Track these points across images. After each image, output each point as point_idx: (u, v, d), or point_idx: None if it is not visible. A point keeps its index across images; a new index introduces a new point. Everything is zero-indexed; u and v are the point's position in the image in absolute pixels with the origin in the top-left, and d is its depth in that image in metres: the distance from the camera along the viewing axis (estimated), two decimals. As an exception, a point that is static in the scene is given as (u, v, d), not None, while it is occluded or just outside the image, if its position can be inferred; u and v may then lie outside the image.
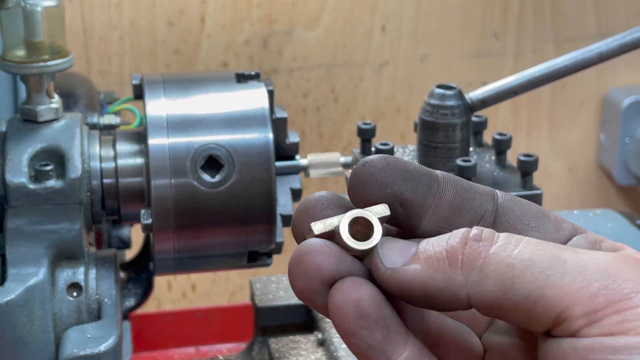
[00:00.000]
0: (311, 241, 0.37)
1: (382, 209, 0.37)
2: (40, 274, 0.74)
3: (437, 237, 0.36)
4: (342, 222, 0.37)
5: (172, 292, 1.43)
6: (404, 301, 0.37)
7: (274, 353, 0.90)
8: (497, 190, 0.40)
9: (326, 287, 0.36)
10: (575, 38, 1.46)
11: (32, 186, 0.75)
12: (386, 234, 0.38)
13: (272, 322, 0.93)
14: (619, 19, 1.47)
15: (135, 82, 0.82)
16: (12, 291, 0.73)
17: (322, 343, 0.91)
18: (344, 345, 0.85)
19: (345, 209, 0.38)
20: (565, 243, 0.39)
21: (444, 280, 0.35)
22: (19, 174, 0.75)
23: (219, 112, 0.79)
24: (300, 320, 0.94)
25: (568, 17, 1.46)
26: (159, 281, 1.37)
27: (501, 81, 0.78)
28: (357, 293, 0.35)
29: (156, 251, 0.79)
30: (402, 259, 0.36)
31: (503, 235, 0.35)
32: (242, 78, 0.82)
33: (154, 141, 0.77)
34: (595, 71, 1.48)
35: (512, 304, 0.34)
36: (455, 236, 0.36)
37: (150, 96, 0.79)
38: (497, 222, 0.39)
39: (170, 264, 0.81)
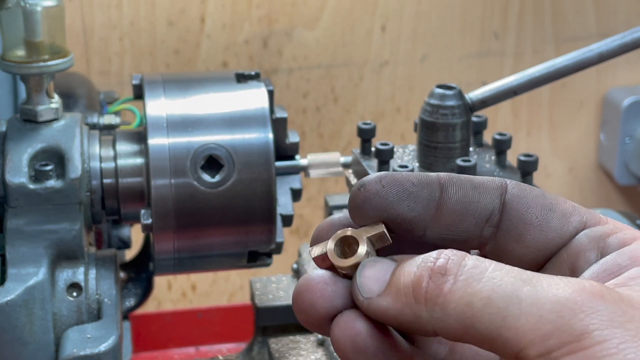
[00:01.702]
0: (308, 276, 0.38)
1: (377, 228, 0.38)
2: (40, 274, 0.74)
3: (410, 261, 0.37)
4: (329, 243, 0.38)
5: (172, 292, 1.43)
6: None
7: (273, 353, 0.90)
8: (508, 182, 0.39)
9: (326, 321, 0.37)
10: (575, 38, 1.46)
11: (32, 186, 0.75)
12: (382, 245, 0.39)
13: (272, 322, 0.93)
14: (619, 18, 1.47)
15: (135, 82, 0.82)
16: (12, 291, 0.73)
17: (322, 343, 0.91)
18: (344, 345, 0.85)
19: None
20: (570, 239, 0.39)
21: (411, 314, 0.36)
22: (19, 174, 0.75)
23: (219, 112, 0.79)
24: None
25: (568, 17, 1.46)
26: (159, 281, 1.37)
27: (501, 81, 0.78)
28: (352, 329, 0.37)
29: (156, 251, 0.79)
30: (377, 287, 0.37)
31: (470, 264, 0.35)
32: (242, 78, 0.82)
33: (153, 141, 0.77)
34: (595, 71, 1.48)
35: (475, 341, 0.35)
36: (423, 265, 0.36)
37: (150, 96, 0.79)
38: (502, 221, 0.39)
39: (170, 264, 0.81)
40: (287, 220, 0.82)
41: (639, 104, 1.46)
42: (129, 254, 0.98)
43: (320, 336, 0.91)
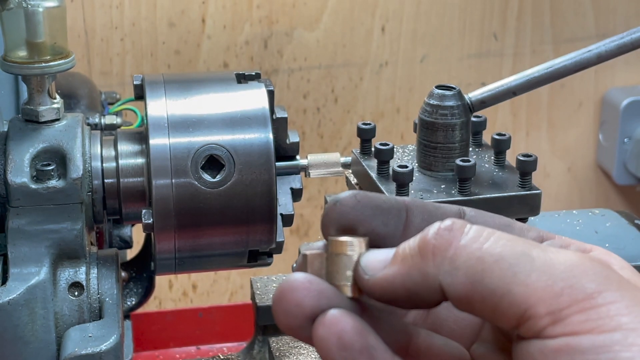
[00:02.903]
0: (292, 277, 0.38)
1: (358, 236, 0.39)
2: (41, 273, 0.74)
3: (415, 235, 0.38)
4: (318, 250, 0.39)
5: (173, 292, 1.44)
6: (392, 305, 0.38)
7: (274, 352, 0.91)
8: (465, 208, 0.41)
9: (309, 322, 0.37)
10: (574, 39, 1.46)
11: (33, 186, 0.75)
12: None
13: (272, 321, 0.93)
14: (618, 19, 1.47)
15: (136, 82, 0.82)
16: (13, 290, 0.73)
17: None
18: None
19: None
20: None
21: (419, 274, 0.36)
22: (20, 174, 0.75)
23: (220, 112, 0.80)
24: (300, 319, 0.93)
25: (567, 17, 1.46)
26: (160, 280, 1.37)
27: (500, 81, 0.79)
28: (338, 325, 0.36)
29: (157, 251, 0.79)
30: (381, 264, 0.37)
31: (475, 227, 0.36)
32: (242, 78, 0.82)
33: (155, 141, 0.77)
34: (594, 71, 1.48)
35: (480, 298, 0.35)
36: (427, 231, 0.37)
37: (151, 96, 0.80)
38: None
39: (171, 264, 0.81)
40: (288, 219, 0.83)
41: (637, 105, 1.46)
42: (130, 254, 0.98)
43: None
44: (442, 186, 0.77)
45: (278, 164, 0.81)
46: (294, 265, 0.41)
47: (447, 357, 0.41)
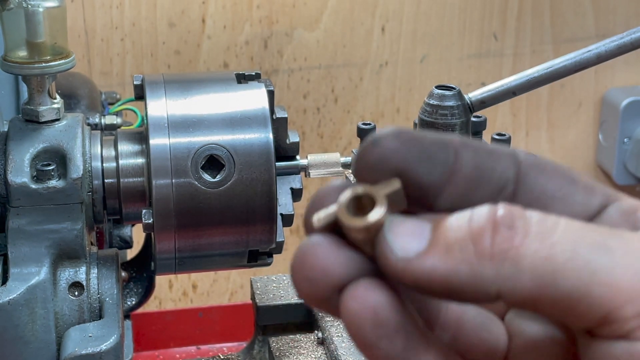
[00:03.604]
0: (314, 239, 0.32)
1: (392, 184, 0.32)
2: (41, 273, 0.74)
3: (456, 215, 0.31)
4: (340, 200, 0.32)
5: (173, 292, 1.44)
6: (419, 293, 0.32)
7: (274, 352, 0.91)
8: (519, 151, 0.34)
9: (336, 292, 0.31)
10: (574, 39, 1.46)
11: (33, 186, 0.75)
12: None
13: (272, 321, 0.93)
14: (618, 19, 1.47)
15: (136, 82, 0.82)
16: (14, 290, 0.73)
17: (322, 342, 0.91)
18: (344, 344, 0.85)
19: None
20: (596, 214, 0.34)
21: (469, 273, 0.30)
22: (20, 174, 0.75)
23: (220, 112, 0.80)
24: (300, 319, 0.94)
25: (567, 18, 1.46)
26: (160, 280, 1.37)
27: (500, 82, 0.79)
28: (373, 299, 0.31)
29: (157, 251, 0.79)
30: (415, 244, 0.31)
31: (535, 217, 0.31)
32: (242, 78, 0.82)
33: (155, 141, 0.77)
34: (593, 72, 1.48)
35: (551, 302, 0.30)
36: (479, 218, 0.31)
37: (152, 96, 0.80)
38: (519, 192, 0.33)
39: (171, 264, 0.81)
40: (288, 219, 0.83)
41: (637, 105, 1.46)
42: (131, 254, 0.98)
43: (320, 335, 0.91)
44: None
45: (278, 164, 0.81)
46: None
47: (479, 330, 0.36)
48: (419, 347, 0.32)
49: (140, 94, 0.82)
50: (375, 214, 0.31)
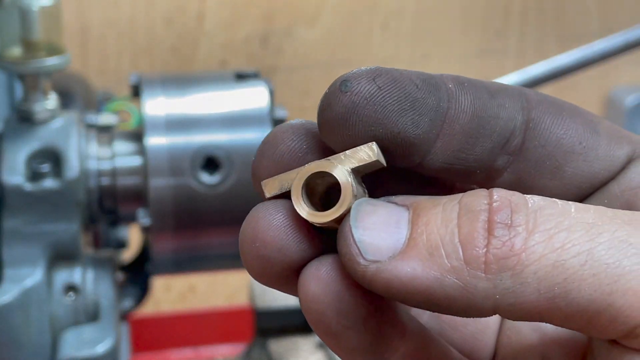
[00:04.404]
0: (266, 208, 0.27)
1: (366, 154, 0.26)
2: (36, 275, 0.74)
3: (435, 204, 0.25)
4: (293, 186, 0.26)
5: (171, 294, 1.43)
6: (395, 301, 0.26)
7: (273, 355, 0.90)
8: (527, 91, 0.28)
9: (294, 272, 0.26)
10: (578, 36, 1.45)
11: (28, 186, 0.74)
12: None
13: (271, 324, 0.93)
14: (622, 16, 1.46)
15: (132, 81, 0.82)
16: (8, 292, 0.73)
17: (321, 345, 0.90)
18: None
19: (322, 150, 0.27)
20: (619, 171, 0.28)
21: (458, 285, 0.24)
22: (15, 174, 0.75)
23: (218, 111, 0.79)
24: (299, 322, 0.93)
25: (570, 14, 1.45)
26: (158, 283, 1.36)
27: (503, 80, 0.78)
28: (338, 282, 0.25)
29: (154, 252, 0.78)
30: (389, 242, 0.25)
31: (538, 205, 0.25)
32: (241, 77, 0.82)
33: (151, 141, 0.76)
34: (598, 70, 1.47)
35: (562, 317, 0.24)
36: (469, 212, 0.25)
37: (148, 95, 0.79)
38: (527, 146, 0.27)
39: (168, 265, 0.80)
40: (287, 220, 0.82)
41: (641, 103, 1.46)
42: (127, 255, 0.98)
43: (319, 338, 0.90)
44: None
45: (277, 163, 0.80)
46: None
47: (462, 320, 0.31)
48: (393, 338, 0.27)
49: (136, 93, 0.81)
50: (341, 207, 0.25)
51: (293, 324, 0.92)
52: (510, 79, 0.78)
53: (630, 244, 0.24)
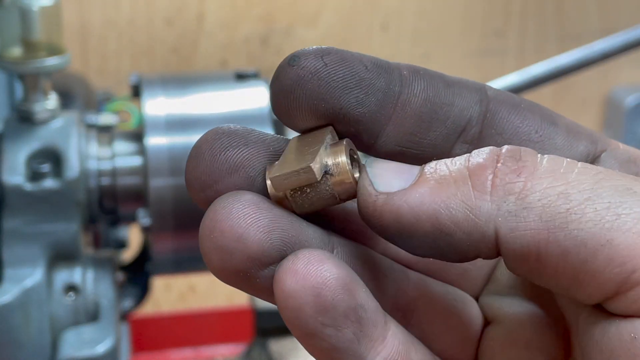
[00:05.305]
0: (227, 197, 0.26)
1: (326, 135, 0.27)
2: (36, 275, 0.74)
3: (446, 159, 0.26)
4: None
5: (171, 294, 1.43)
6: (399, 244, 0.26)
7: (273, 355, 0.90)
8: (487, 86, 0.29)
9: (258, 266, 0.25)
10: (578, 36, 1.45)
11: (28, 186, 0.74)
12: None
13: (271, 324, 0.93)
14: (623, 15, 1.46)
15: (133, 81, 0.82)
16: (8, 292, 0.73)
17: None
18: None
19: (260, 145, 0.28)
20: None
21: (463, 208, 0.24)
22: (15, 174, 0.75)
23: (218, 111, 0.79)
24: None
25: (570, 14, 1.45)
26: (158, 283, 1.36)
27: (503, 80, 0.78)
28: (318, 275, 0.25)
29: (154, 251, 0.78)
30: (400, 181, 0.25)
31: (547, 156, 0.25)
32: (241, 77, 0.82)
33: (152, 141, 0.76)
34: (598, 69, 1.47)
35: (559, 252, 0.24)
36: (480, 153, 0.25)
37: (149, 95, 0.79)
38: (485, 134, 0.28)
39: (168, 265, 0.80)
40: (287, 220, 0.82)
41: (642, 103, 1.46)
42: (127, 255, 0.98)
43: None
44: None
45: (277, 163, 0.80)
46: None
47: (447, 311, 0.30)
48: (374, 335, 0.26)
49: (137, 93, 0.81)
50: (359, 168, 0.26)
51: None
52: (510, 79, 0.78)
53: (635, 192, 0.24)
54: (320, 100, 0.26)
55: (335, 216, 0.29)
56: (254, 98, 0.80)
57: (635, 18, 1.45)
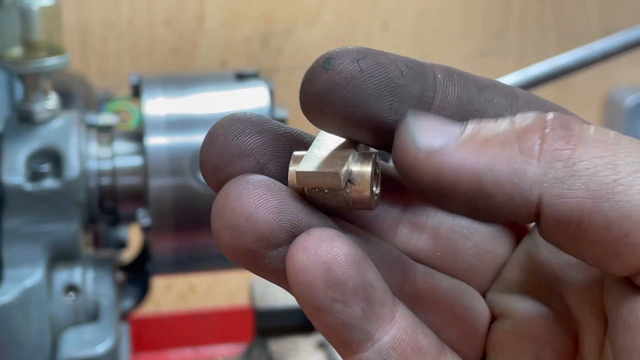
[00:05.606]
0: (240, 178, 0.26)
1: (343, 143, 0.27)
2: (37, 275, 0.74)
3: (492, 119, 0.25)
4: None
5: (171, 294, 1.43)
6: (433, 201, 0.25)
7: (274, 355, 0.90)
8: (517, 90, 0.29)
9: (268, 246, 0.26)
10: (578, 36, 1.45)
11: (28, 186, 0.74)
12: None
13: (271, 324, 0.93)
14: (622, 16, 1.46)
15: (133, 81, 0.82)
16: (8, 292, 0.73)
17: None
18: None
19: (272, 134, 0.28)
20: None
21: (508, 170, 0.24)
22: (15, 174, 0.75)
23: (218, 111, 0.79)
24: (300, 322, 0.93)
25: (571, 14, 1.45)
26: (158, 283, 1.36)
27: (503, 80, 0.78)
28: (328, 251, 0.25)
29: (154, 251, 0.78)
30: (443, 137, 0.25)
31: (594, 125, 0.25)
32: (241, 77, 0.82)
33: (151, 141, 0.76)
34: (598, 69, 1.47)
35: (602, 223, 0.23)
36: (526, 117, 0.25)
37: (149, 95, 0.79)
38: None
39: (168, 265, 0.80)
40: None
41: (642, 103, 1.46)
42: (127, 255, 0.98)
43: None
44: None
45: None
46: None
47: (454, 303, 0.30)
48: (383, 313, 0.26)
49: (137, 93, 0.81)
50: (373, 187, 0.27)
51: (293, 324, 0.92)
52: (510, 79, 0.78)
53: None
54: (354, 108, 0.25)
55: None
56: (254, 98, 0.80)
57: (635, 18, 1.45)
